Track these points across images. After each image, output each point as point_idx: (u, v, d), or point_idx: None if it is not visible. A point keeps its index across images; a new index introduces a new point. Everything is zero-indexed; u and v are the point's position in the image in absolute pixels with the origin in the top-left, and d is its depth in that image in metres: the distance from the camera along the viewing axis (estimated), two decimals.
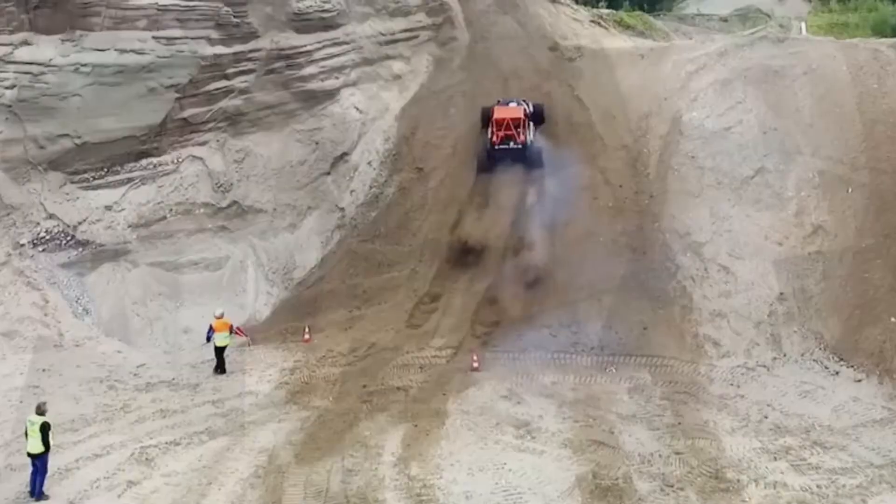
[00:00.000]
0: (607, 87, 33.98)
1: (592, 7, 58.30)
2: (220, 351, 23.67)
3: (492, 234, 29.61)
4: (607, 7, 78.14)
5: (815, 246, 27.34)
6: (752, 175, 29.18)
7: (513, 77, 35.64)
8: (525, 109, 30.51)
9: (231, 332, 23.62)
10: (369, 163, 32.00)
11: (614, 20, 59.00)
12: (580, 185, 30.45)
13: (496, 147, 29.85)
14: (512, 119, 30.05)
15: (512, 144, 29.86)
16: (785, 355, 25.21)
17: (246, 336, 24.44)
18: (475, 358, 24.89)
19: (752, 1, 69.77)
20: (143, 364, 24.57)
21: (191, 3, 32.35)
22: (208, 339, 23.72)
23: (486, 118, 30.88)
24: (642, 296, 27.08)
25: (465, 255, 29.26)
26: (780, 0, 72.41)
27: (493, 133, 29.98)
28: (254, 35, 33.50)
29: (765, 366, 24.89)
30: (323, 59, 34.33)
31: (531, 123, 30.63)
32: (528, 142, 29.80)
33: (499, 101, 31.36)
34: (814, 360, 24.91)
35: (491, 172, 29.88)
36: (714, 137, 30.54)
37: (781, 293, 26.60)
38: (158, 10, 31.93)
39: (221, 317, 23.88)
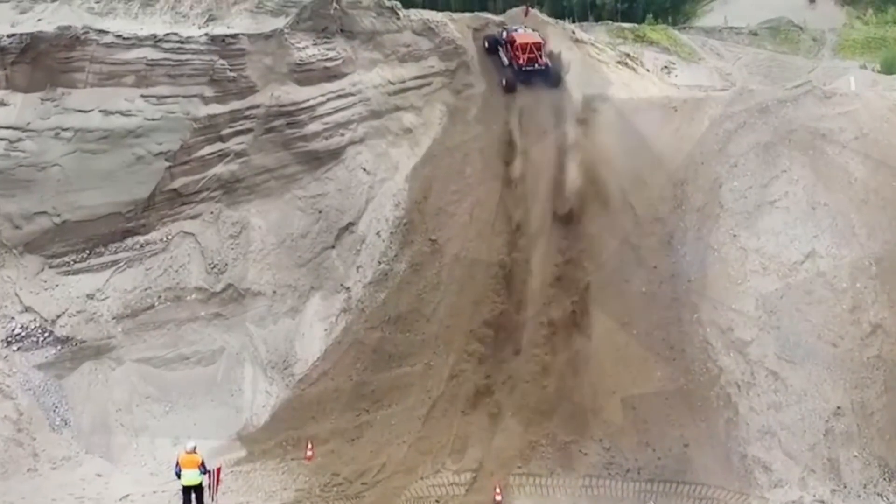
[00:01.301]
0: (638, 147, 30.78)
1: (616, 35, 54.97)
2: (189, 491, 20.37)
3: (510, 323, 26.07)
4: (625, 20, 75.71)
5: (874, 349, 24.80)
6: (802, 260, 26.06)
7: (534, 131, 32.08)
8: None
9: (203, 472, 20.32)
10: (378, 233, 28.87)
11: (636, 35, 56.03)
12: (611, 265, 26.98)
13: (523, 69, 32.40)
14: (534, 43, 32.62)
15: (536, 66, 32.51)
16: (845, 486, 22.46)
17: (219, 483, 21.05)
18: (498, 491, 21.86)
19: (783, 10, 65.93)
20: (126, 496, 21.45)
21: (183, 57, 29.47)
22: (177, 475, 20.48)
23: (496, 43, 34.13)
24: (681, 403, 24.51)
25: (482, 347, 25.82)
26: (810, 3, 68.98)
27: (517, 56, 32.77)
28: (252, 90, 30.72)
29: (822, 501, 21.67)
30: (327, 113, 31.38)
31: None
32: (548, 64, 32.56)
33: (505, 29, 34.28)
34: (877, 494, 21.86)
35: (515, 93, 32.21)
36: (758, 213, 27.41)
37: (838, 407, 23.87)
38: (148, 64, 29.05)
39: (193, 451, 20.59)
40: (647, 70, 38.14)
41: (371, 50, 33.07)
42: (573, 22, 79.01)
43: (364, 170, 30.85)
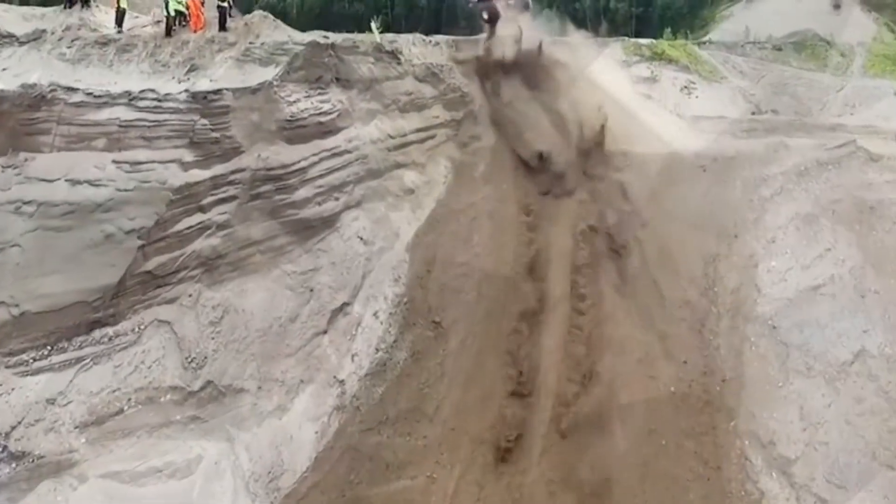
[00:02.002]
0: (663, 214, 27.10)
1: (633, 52, 51.21)
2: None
3: (523, 425, 22.92)
4: (640, 25, 71.63)
5: None
6: (851, 360, 22.75)
7: (541, 191, 28.67)
8: None
9: None
10: (375, 314, 25.49)
11: (654, 52, 52.17)
12: (635, 357, 23.53)
13: None
14: None
15: None
16: None
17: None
18: None
19: (805, 17, 62.00)
20: None
21: (160, 117, 26.38)
22: None
23: None
24: None
25: (491, 455, 22.64)
26: (835, 9, 64.93)
27: None
28: (237, 151, 27.75)
29: None
30: (320, 175, 28.18)
31: None
32: None
33: None
34: None
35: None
36: (800, 299, 24.17)
37: None
38: (121, 126, 26.16)
39: None
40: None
41: (369, 100, 29.67)
42: (586, 29, 75.63)
43: (361, 239, 27.36)
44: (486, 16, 32.93)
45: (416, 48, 31.02)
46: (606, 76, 31.91)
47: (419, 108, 30.76)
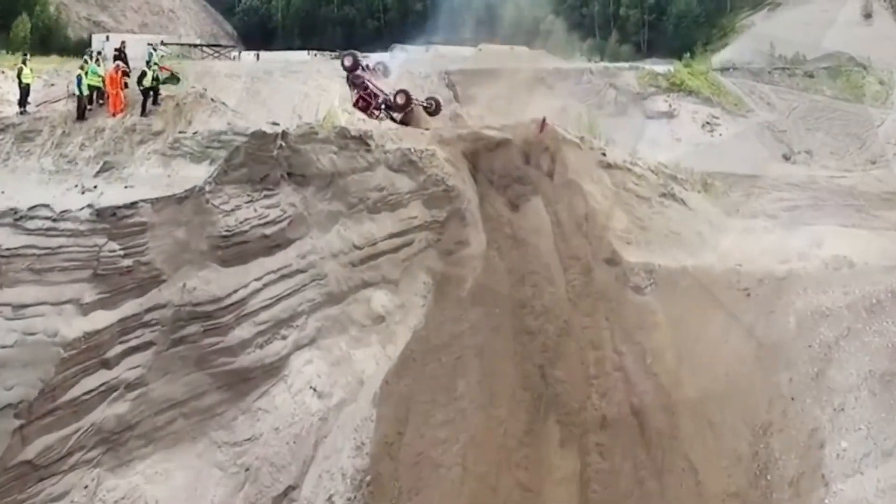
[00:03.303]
0: (698, 354, 20.69)
1: (648, 83, 43.95)
2: None
3: None
4: (652, 33, 63.77)
5: None
6: None
7: (549, 319, 21.52)
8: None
9: None
10: (329, 499, 18.13)
11: (672, 82, 44.79)
12: None
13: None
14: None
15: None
16: None
17: None
18: None
19: (835, 32, 54.60)
20: None
21: (55, 242, 20.62)
22: None
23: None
24: None
25: None
26: (865, 18, 57.91)
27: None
28: (155, 281, 21.78)
29: None
30: (263, 306, 22.31)
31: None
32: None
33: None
34: None
35: None
36: (881, 500, 16.49)
37: None
38: (2, 255, 18.52)
39: None
40: (701, 192, 26.56)
41: (330, 199, 23.05)
42: (594, 37, 67.89)
43: (314, 390, 20.74)
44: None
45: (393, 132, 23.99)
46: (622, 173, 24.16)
47: (393, 206, 24.10)
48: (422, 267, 23.76)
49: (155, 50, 26.24)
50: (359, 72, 28.28)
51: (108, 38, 55.21)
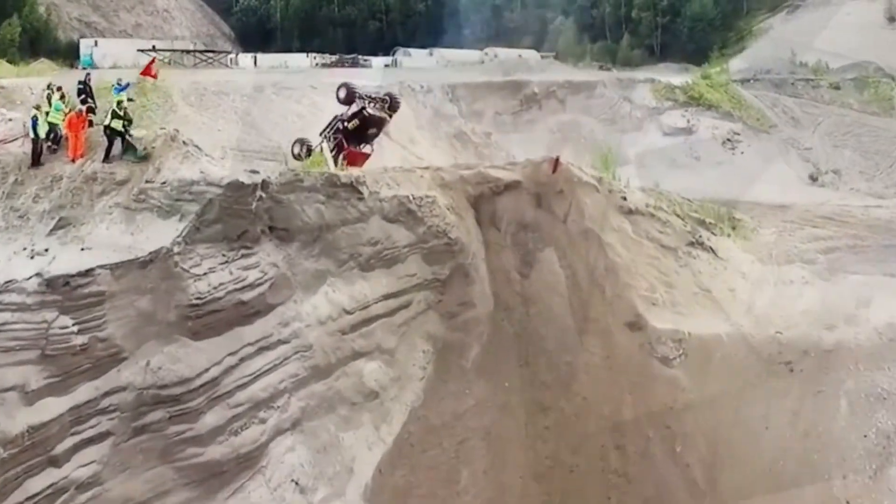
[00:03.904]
0: (735, 443, 17.79)
1: (664, 96, 40.79)
2: None
3: None
4: (665, 36, 60.17)
5: None
6: None
7: (565, 394, 18.27)
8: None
9: None
10: None
11: (690, 95, 41.61)
12: None
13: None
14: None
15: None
16: None
17: None
18: None
19: (858, 36, 51.65)
20: None
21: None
22: None
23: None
24: None
25: None
26: (890, 22, 54.94)
27: None
28: (114, 360, 18.81)
29: None
30: (238, 386, 19.61)
31: None
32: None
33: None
34: None
35: None
36: None
37: None
38: None
39: None
40: (731, 235, 23.31)
41: (317, 256, 20.03)
42: (605, 40, 64.30)
43: (296, 484, 17.93)
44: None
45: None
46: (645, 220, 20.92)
47: (388, 262, 21.05)
48: (421, 333, 20.54)
49: (124, 86, 22.70)
50: (354, 106, 24.32)
51: (96, 43, 51.98)
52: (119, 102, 21.44)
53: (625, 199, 23.31)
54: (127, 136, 20.92)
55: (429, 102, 38.23)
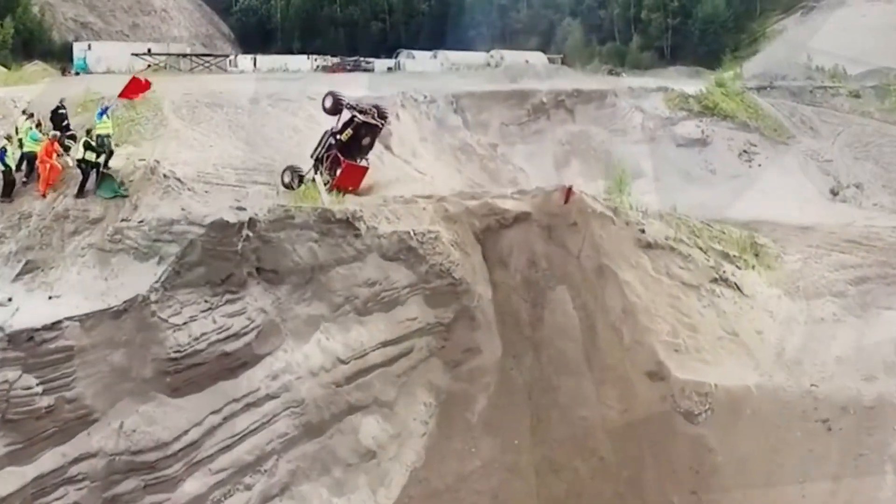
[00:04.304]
0: None
1: (678, 105, 38.68)
2: None
3: None
4: (676, 38, 57.92)
5: None
6: None
7: (579, 453, 16.21)
8: None
9: None
10: None
11: (705, 105, 39.43)
12: None
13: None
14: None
15: None
16: None
17: None
18: None
19: (873, 38, 49.60)
20: None
21: None
22: None
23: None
24: None
25: None
26: None
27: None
28: (84, 423, 17.24)
29: None
30: (221, 448, 17.88)
31: None
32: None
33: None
34: None
35: None
36: None
37: None
38: None
39: None
40: (755, 266, 21.23)
41: (309, 300, 18.45)
42: (614, 41, 62.03)
43: None
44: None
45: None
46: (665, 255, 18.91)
47: (387, 305, 19.29)
48: (422, 383, 18.64)
49: (104, 109, 20.59)
50: (343, 116, 22.10)
51: (89, 46, 49.79)
52: (89, 131, 19.27)
53: (643, 231, 21.12)
54: (103, 170, 18.68)
55: (432, 113, 36.05)
